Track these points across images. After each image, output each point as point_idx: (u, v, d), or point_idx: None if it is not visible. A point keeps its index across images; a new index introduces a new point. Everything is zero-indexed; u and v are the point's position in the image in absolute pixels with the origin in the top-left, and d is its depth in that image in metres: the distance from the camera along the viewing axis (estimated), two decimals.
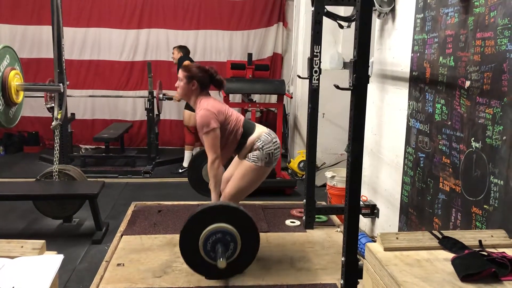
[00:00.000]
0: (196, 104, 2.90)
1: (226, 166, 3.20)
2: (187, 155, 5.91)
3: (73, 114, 6.39)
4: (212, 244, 2.54)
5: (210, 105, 2.84)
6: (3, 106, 2.94)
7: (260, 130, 2.96)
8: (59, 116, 3.77)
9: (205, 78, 2.92)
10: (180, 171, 5.81)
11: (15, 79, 3.01)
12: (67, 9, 6.34)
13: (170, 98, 6.06)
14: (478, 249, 1.81)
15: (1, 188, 3.96)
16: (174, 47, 6.09)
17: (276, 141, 2.96)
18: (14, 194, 3.75)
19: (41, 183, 3.86)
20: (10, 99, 2.97)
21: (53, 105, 4.19)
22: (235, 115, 2.96)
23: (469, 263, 1.67)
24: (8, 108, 3.03)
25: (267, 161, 2.88)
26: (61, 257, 1.75)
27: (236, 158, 3.11)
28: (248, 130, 2.94)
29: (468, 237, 1.92)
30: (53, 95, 4.42)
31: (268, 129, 3.00)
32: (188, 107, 5.77)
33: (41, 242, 1.81)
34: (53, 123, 3.75)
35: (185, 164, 5.84)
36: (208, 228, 2.54)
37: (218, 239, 2.54)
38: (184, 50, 5.96)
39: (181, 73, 2.91)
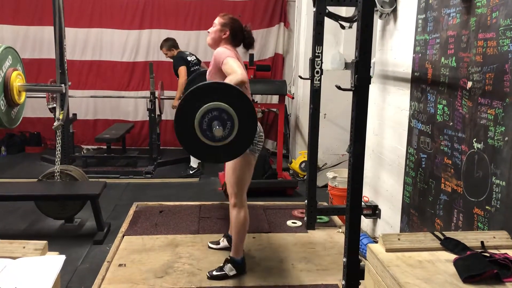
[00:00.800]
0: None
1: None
2: None
3: (74, 115, 6.40)
4: (209, 122, 2.41)
5: (234, 52, 2.81)
6: (5, 107, 2.94)
7: None
8: (61, 117, 3.77)
9: (238, 32, 2.90)
10: (191, 172, 5.67)
11: (17, 79, 3.01)
12: (69, 9, 6.34)
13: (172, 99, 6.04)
14: (480, 250, 1.81)
15: (3, 189, 3.97)
16: (161, 47, 5.72)
17: (262, 134, 2.93)
18: (16, 194, 3.75)
19: (42, 183, 3.87)
20: (12, 100, 2.97)
21: (54, 105, 4.20)
22: (248, 91, 2.93)
23: (471, 264, 1.67)
24: (10, 109, 3.03)
25: (250, 148, 2.81)
26: (63, 257, 1.75)
27: None
28: None
29: (470, 238, 1.92)
30: (54, 95, 4.42)
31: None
32: None
33: (43, 242, 1.81)
34: (55, 124, 3.75)
35: (194, 164, 5.69)
36: (204, 106, 2.39)
37: (215, 116, 2.40)
38: (172, 43, 5.64)
39: (217, 19, 2.90)
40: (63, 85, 3.62)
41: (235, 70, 2.61)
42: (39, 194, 3.72)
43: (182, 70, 5.45)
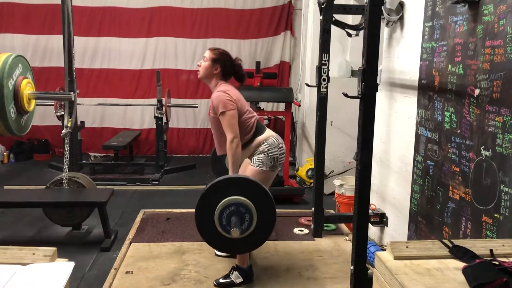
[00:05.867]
0: (216, 87, 2.91)
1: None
2: None
3: (82, 122, 6.45)
4: (228, 218, 2.48)
5: (229, 90, 2.86)
6: (15, 115, 2.97)
7: (269, 134, 2.96)
8: (69, 124, 3.80)
9: (228, 67, 2.94)
10: None
11: (27, 87, 3.04)
12: (78, 19, 6.42)
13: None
14: (489, 259, 1.80)
15: (11, 196, 4.00)
16: None
17: (282, 147, 2.96)
18: (24, 201, 3.78)
19: (50, 190, 3.89)
20: (22, 108, 3.00)
21: (63, 113, 4.23)
22: (251, 112, 2.97)
23: (480, 272, 1.66)
24: (20, 117, 3.06)
25: (271, 165, 2.88)
26: (72, 264, 1.76)
27: (242, 164, 3.11)
28: (258, 130, 2.95)
29: (479, 246, 1.90)
30: (63, 103, 4.46)
31: (276, 134, 3.02)
32: None
33: (53, 249, 1.82)
34: (63, 131, 3.78)
35: None
36: (222, 202, 2.48)
37: (233, 212, 2.48)
38: None
39: (208, 53, 2.95)
40: (72, 93, 3.65)
41: (228, 131, 2.76)
42: (47, 201, 3.74)
43: None
